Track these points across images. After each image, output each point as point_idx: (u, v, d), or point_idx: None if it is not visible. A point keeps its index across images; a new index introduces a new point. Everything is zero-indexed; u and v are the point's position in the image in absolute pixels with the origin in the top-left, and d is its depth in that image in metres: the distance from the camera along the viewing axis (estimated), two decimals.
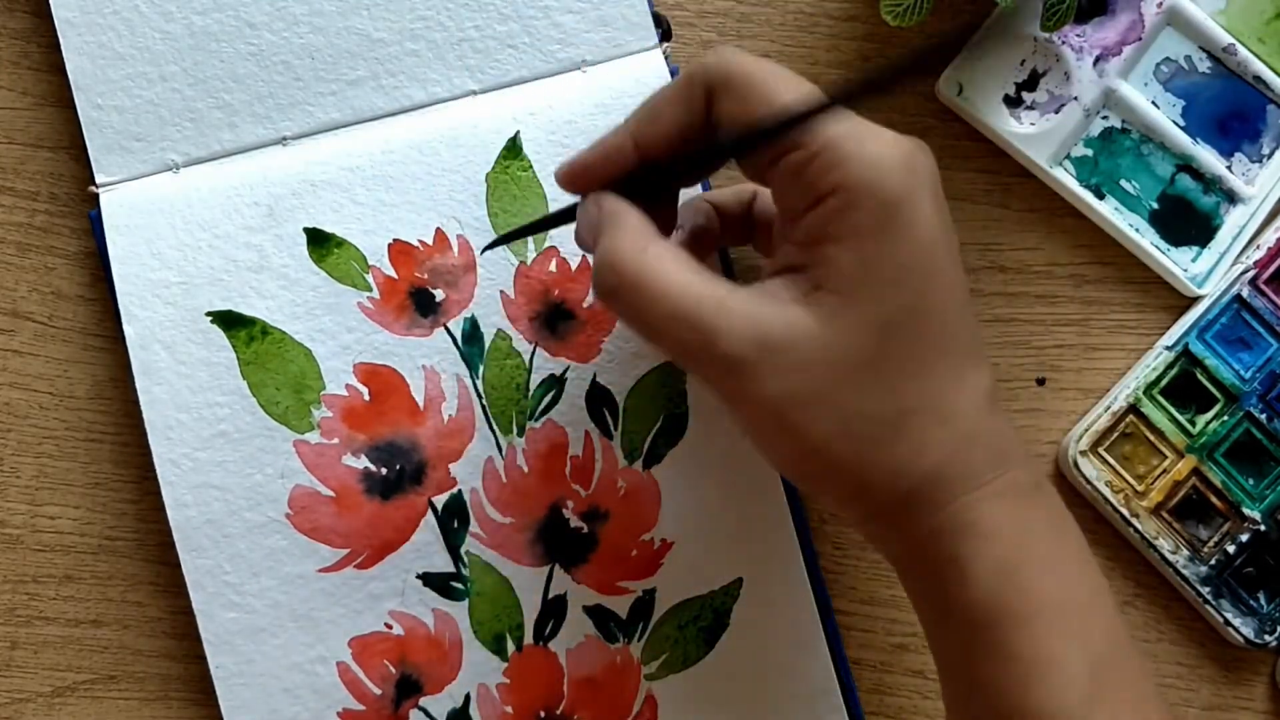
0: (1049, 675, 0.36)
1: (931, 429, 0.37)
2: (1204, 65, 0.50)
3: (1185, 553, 0.48)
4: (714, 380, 0.38)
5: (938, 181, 0.38)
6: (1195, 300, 0.50)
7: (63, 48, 0.48)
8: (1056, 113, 0.49)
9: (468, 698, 0.47)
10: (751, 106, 0.38)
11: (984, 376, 0.38)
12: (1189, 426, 0.49)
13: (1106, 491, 0.48)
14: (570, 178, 0.42)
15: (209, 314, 0.47)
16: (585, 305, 0.48)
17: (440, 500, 0.47)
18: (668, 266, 0.38)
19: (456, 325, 0.48)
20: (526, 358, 0.48)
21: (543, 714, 0.47)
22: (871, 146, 0.36)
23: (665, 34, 0.49)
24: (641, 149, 0.40)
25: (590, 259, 0.44)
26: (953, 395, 0.37)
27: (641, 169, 0.40)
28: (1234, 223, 0.50)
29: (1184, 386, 0.49)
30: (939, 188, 0.38)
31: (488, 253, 0.48)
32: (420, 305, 0.48)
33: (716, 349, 0.37)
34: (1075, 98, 0.49)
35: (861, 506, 0.39)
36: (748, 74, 0.38)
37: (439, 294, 0.48)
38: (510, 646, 0.47)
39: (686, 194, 0.46)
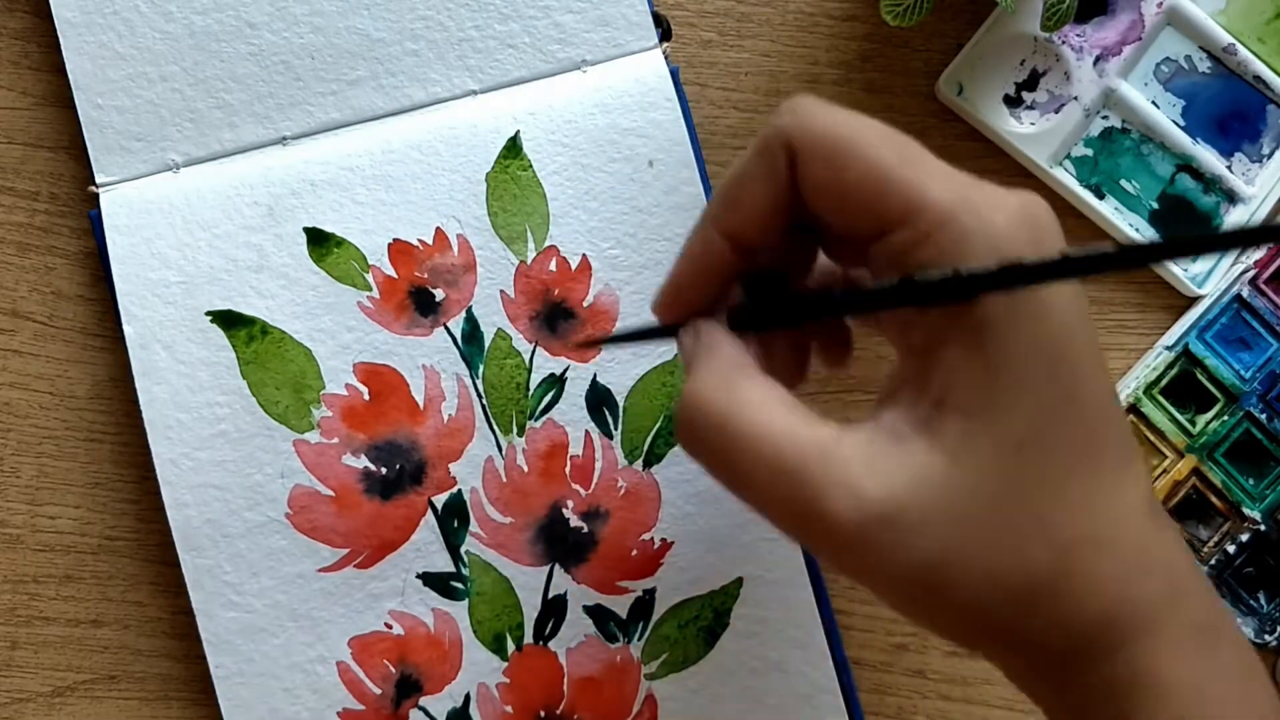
0: None
1: (1094, 562, 0.30)
2: (1204, 65, 0.50)
3: None
4: (828, 552, 0.31)
5: (1063, 243, 0.31)
6: (1195, 300, 0.50)
7: (63, 48, 0.48)
8: (1056, 112, 0.49)
9: (468, 697, 0.47)
10: (849, 173, 0.31)
11: (1142, 484, 0.32)
12: (1189, 426, 0.49)
13: None
14: (665, 307, 0.36)
15: (209, 313, 0.47)
16: (585, 305, 0.48)
17: (440, 500, 0.47)
18: (759, 407, 0.32)
19: (456, 325, 0.48)
20: (526, 357, 0.48)
21: (543, 714, 0.47)
22: (994, 217, 0.30)
23: (665, 34, 0.49)
24: (734, 240, 0.34)
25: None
26: (1113, 515, 0.31)
27: (757, 281, 0.35)
28: (1234, 222, 0.50)
29: (1184, 386, 0.49)
30: (1059, 240, 0.31)
31: (483, 253, 0.48)
32: (420, 305, 0.48)
33: (826, 516, 0.30)
34: (1075, 97, 0.49)
35: (1021, 661, 0.32)
36: (834, 133, 0.32)
37: (439, 293, 0.48)
38: (510, 646, 0.47)
39: None
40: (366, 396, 0.47)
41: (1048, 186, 0.50)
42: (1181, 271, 0.50)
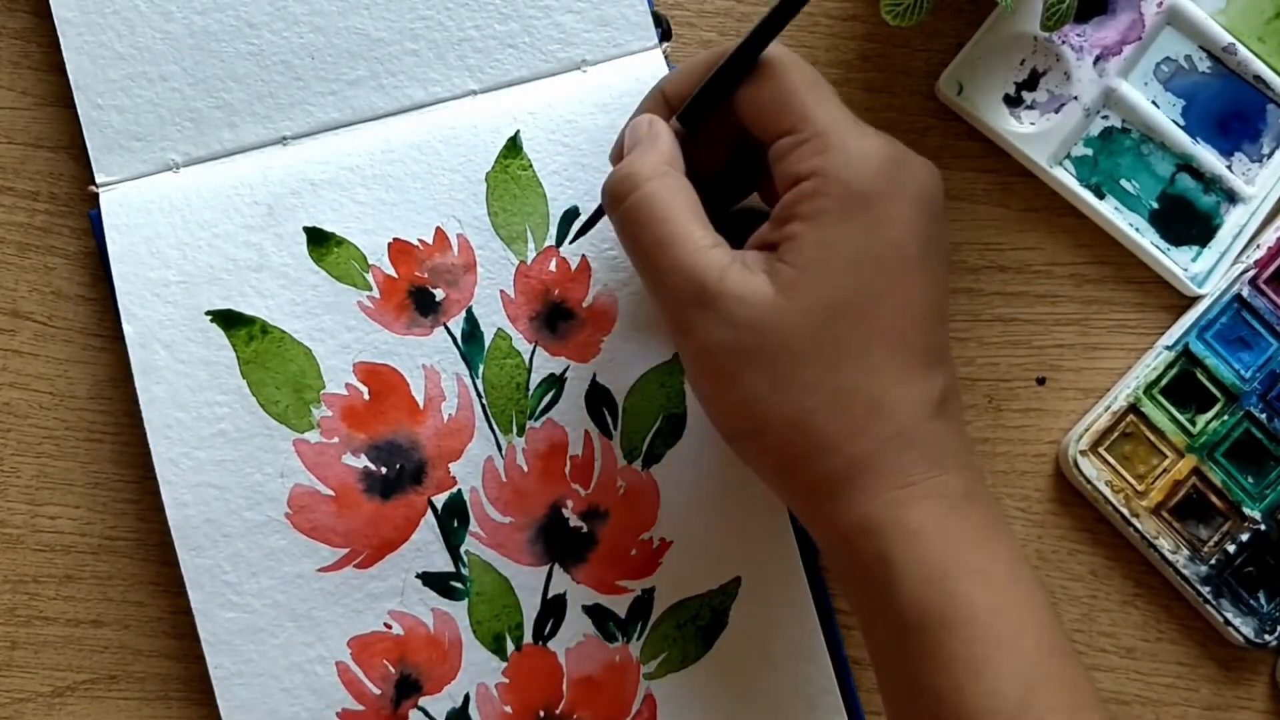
0: (980, 681, 0.36)
1: (865, 417, 0.38)
2: (1204, 65, 0.50)
3: (1185, 552, 0.48)
4: (669, 309, 0.40)
5: (930, 198, 0.40)
6: (1195, 300, 0.50)
7: (63, 47, 0.48)
8: (1056, 112, 0.49)
9: (467, 697, 0.47)
10: (764, 88, 0.41)
11: (935, 384, 0.39)
12: (1189, 426, 0.49)
13: (1106, 491, 0.48)
14: (619, 155, 0.44)
15: (209, 313, 0.47)
16: (585, 305, 0.48)
17: (440, 500, 0.47)
18: (681, 199, 0.40)
19: (456, 324, 0.48)
20: (526, 357, 0.48)
21: (542, 713, 0.47)
22: (857, 142, 0.39)
23: (665, 33, 0.50)
24: (672, 100, 0.43)
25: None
26: (895, 393, 0.38)
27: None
28: (1234, 222, 0.50)
29: (1184, 386, 0.49)
30: (931, 204, 0.40)
31: (483, 253, 0.48)
32: (420, 304, 0.48)
33: (681, 282, 0.39)
34: (1075, 97, 0.49)
35: (790, 479, 0.40)
36: (767, 56, 0.41)
37: (439, 293, 0.48)
38: (510, 646, 0.47)
39: None
40: (366, 396, 0.47)
41: (1048, 186, 0.50)
42: (1181, 271, 0.49)
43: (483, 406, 0.48)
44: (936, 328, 0.40)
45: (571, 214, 0.48)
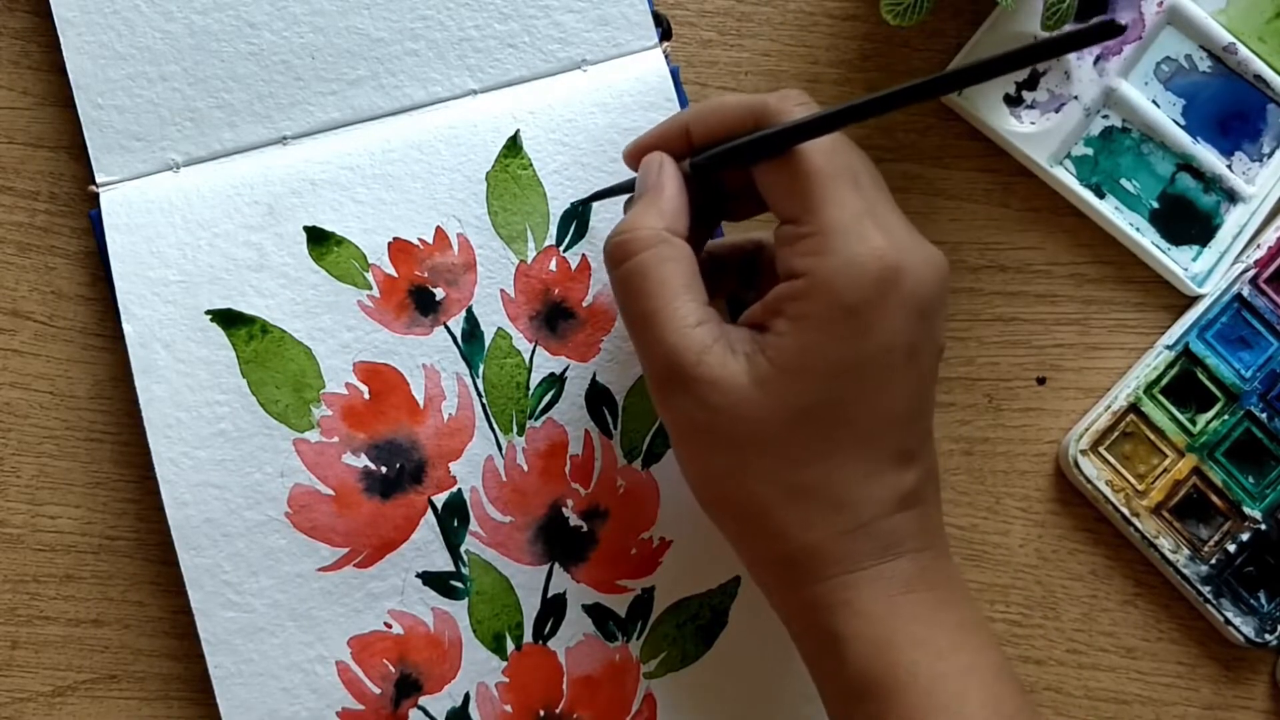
0: None
1: (820, 512, 0.39)
2: (1204, 64, 0.50)
3: (1186, 552, 0.48)
4: (649, 380, 0.41)
5: (928, 301, 0.39)
6: (1196, 299, 0.50)
7: (63, 47, 0.48)
8: (1057, 112, 0.49)
9: (467, 697, 0.47)
10: (781, 170, 0.39)
11: (905, 480, 0.39)
12: (1189, 426, 0.49)
13: (1107, 491, 0.48)
14: (633, 155, 0.44)
15: (209, 312, 0.47)
16: (585, 304, 0.48)
17: (440, 499, 0.47)
18: (669, 271, 0.40)
19: (456, 324, 0.48)
20: (526, 356, 0.48)
21: (542, 713, 0.47)
22: (856, 248, 0.38)
23: (665, 33, 0.50)
24: (695, 137, 0.42)
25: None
26: (858, 492, 0.39)
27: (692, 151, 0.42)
28: (1234, 222, 0.50)
29: (1184, 386, 0.49)
30: (927, 307, 0.39)
31: (483, 252, 0.48)
32: (420, 304, 0.48)
33: (660, 358, 0.39)
34: (1075, 97, 0.49)
35: (747, 553, 0.41)
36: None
37: (439, 293, 0.48)
38: (510, 645, 0.47)
39: None
40: (366, 395, 0.47)
41: (1048, 186, 0.50)
42: (1182, 271, 0.49)
43: (483, 406, 0.48)
44: (915, 426, 0.40)
45: (571, 213, 0.48)
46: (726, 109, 0.41)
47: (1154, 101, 0.50)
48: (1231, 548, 0.48)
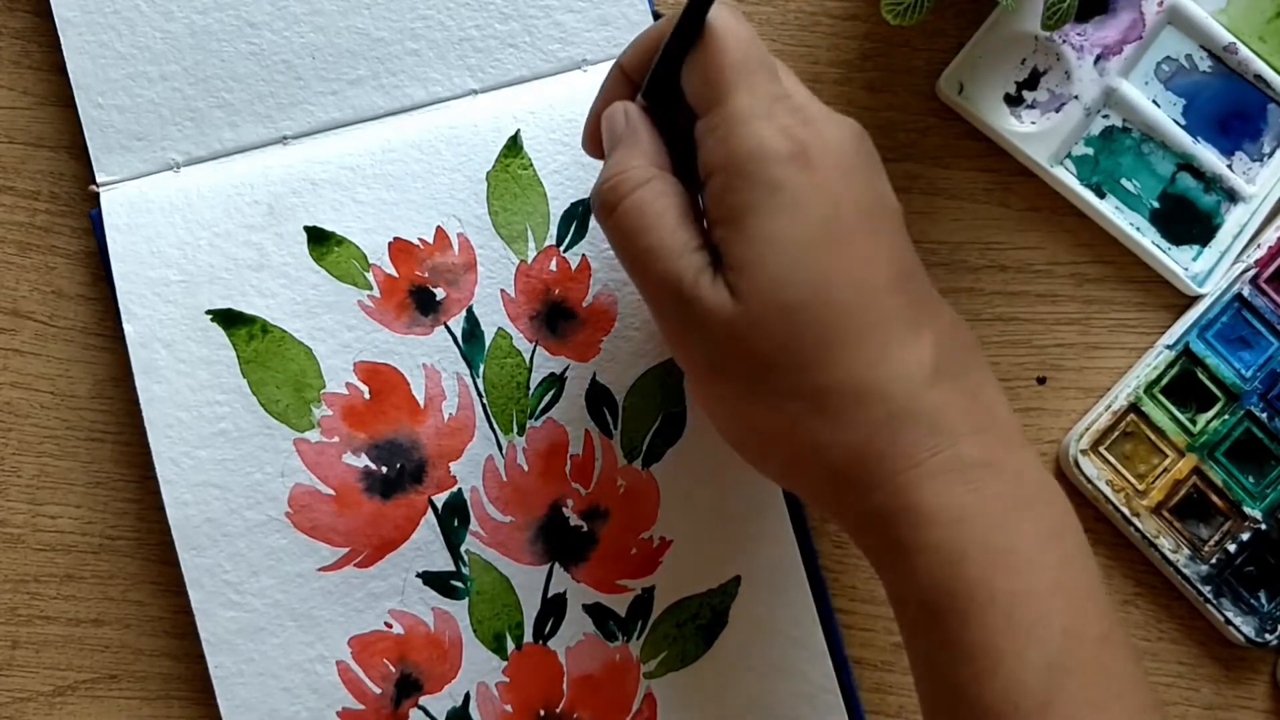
0: (1000, 673, 0.35)
1: (850, 409, 0.36)
2: (1205, 64, 0.50)
3: (1186, 552, 0.48)
4: (659, 321, 0.40)
5: (851, 159, 0.38)
6: (1196, 299, 0.50)
7: (63, 47, 0.48)
8: (1057, 111, 0.49)
9: (467, 696, 0.47)
10: (699, 58, 0.39)
11: (923, 347, 0.37)
12: (1190, 425, 0.49)
13: (1107, 490, 0.48)
14: (590, 134, 0.43)
15: (209, 312, 0.47)
16: (585, 304, 0.48)
17: (440, 499, 0.47)
18: (664, 204, 0.38)
19: (457, 324, 0.48)
20: (527, 356, 0.48)
21: (542, 713, 0.47)
22: (757, 130, 0.37)
23: None
24: (634, 76, 0.41)
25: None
26: (876, 374, 0.36)
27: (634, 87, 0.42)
28: (1235, 221, 0.50)
29: (1185, 385, 0.49)
30: (853, 165, 0.38)
31: (483, 252, 0.48)
32: (420, 304, 0.48)
33: (664, 293, 0.38)
34: (1076, 96, 0.49)
35: (795, 481, 0.40)
36: (711, 25, 0.39)
37: (439, 292, 0.48)
38: (510, 645, 0.47)
39: None
40: (367, 395, 0.47)
41: (1049, 186, 0.50)
42: (1182, 270, 0.49)
43: (483, 406, 0.48)
44: (907, 287, 0.38)
45: (572, 213, 0.48)
46: (649, 34, 0.41)
47: (1154, 101, 0.50)
48: (1232, 547, 0.48)
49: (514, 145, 0.48)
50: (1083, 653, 0.35)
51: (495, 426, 0.48)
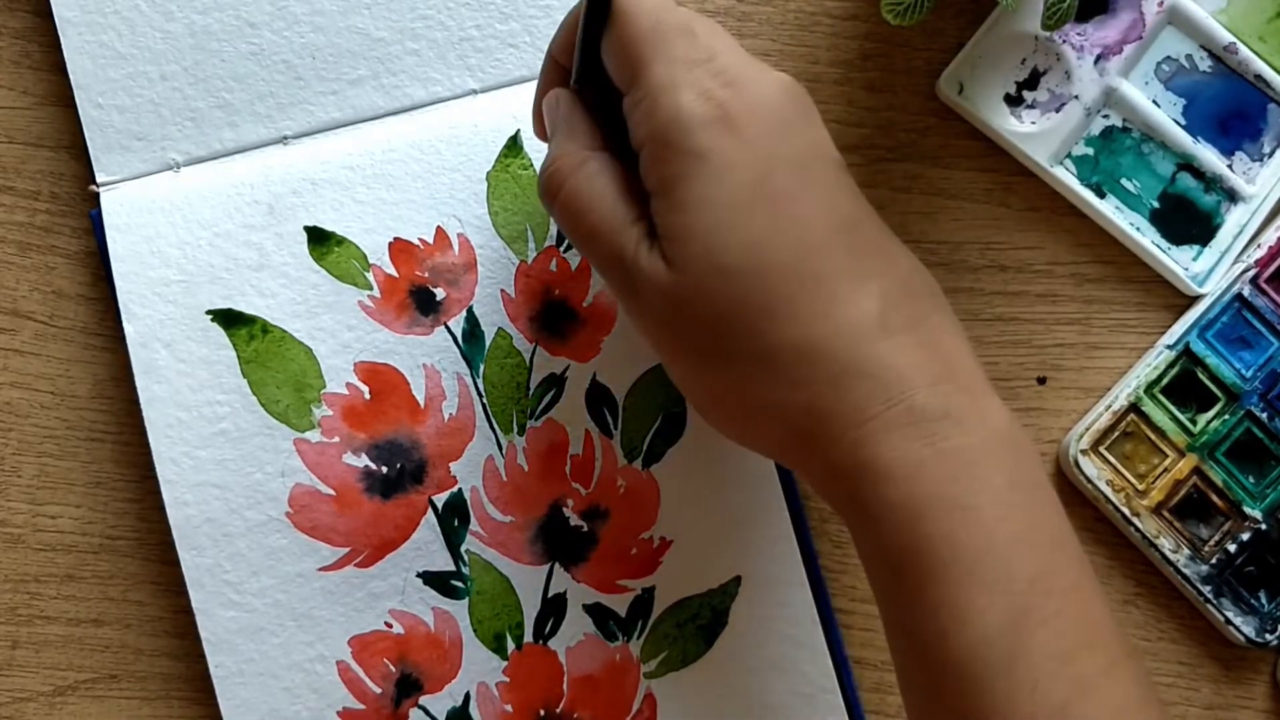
0: (967, 629, 0.34)
1: (799, 367, 0.36)
2: (1205, 64, 0.50)
3: (1186, 552, 0.48)
4: (616, 297, 0.40)
5: (781, 117, 0.37)
6: (1196, 299, 0.50)
7: (63, 47, 0.48)
8: (1057, 111, 0.49)
9: (468, 696, 0.47)
10: (614, 34, 0.39)
11: (866, 303, 0.36)
12: (1190, 425, 0.49)
13: (1107, 490, 0.48)
14: (536, 124, 0.43)
15: (209, 312, 0.47)
16: (585, 305, 0.48)
17: (441, 499, 0.47)
18: (600, 184, 0.39)
19: (457, 324, 0.48)
20: (527, 357, 0.48)
21: (543, 713, 0.47)
22: (677, 99, 0.36)
23: None
24: (562, 61, 0.42)
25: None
26: (820, 330, 0.36)
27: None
28: (1235, 221, 0.50)
29: (1185, 385, 0.49)
30: (784, 123, 0.37)
31: (483, 252, 0.48)
32: (421, 304, 0.48)
33: (611, 269, 0.39)
34: (1076, 96, 0.49)
35: (756, 441, 0.39)
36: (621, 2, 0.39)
37: (440, 293, 0.48)
38: (510, 645, 0.47)
39: None
40: (367, 395, 0.47)
41: (1049, 186, 0.50)
42: (1182, 270, 0.49)
43: (483, 406, 0.48)
44: (849, 239, 0.37)
45: None
46: (570, 18, 0.41)
47: (1154, 101, 0.50)
48: (1232, 547, 0.48)
49: (514, 145, 0.48)
50: (1052, 603, 0.35)
51: (495, 426, 0.48)
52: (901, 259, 0.38)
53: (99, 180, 0.48)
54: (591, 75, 0.40)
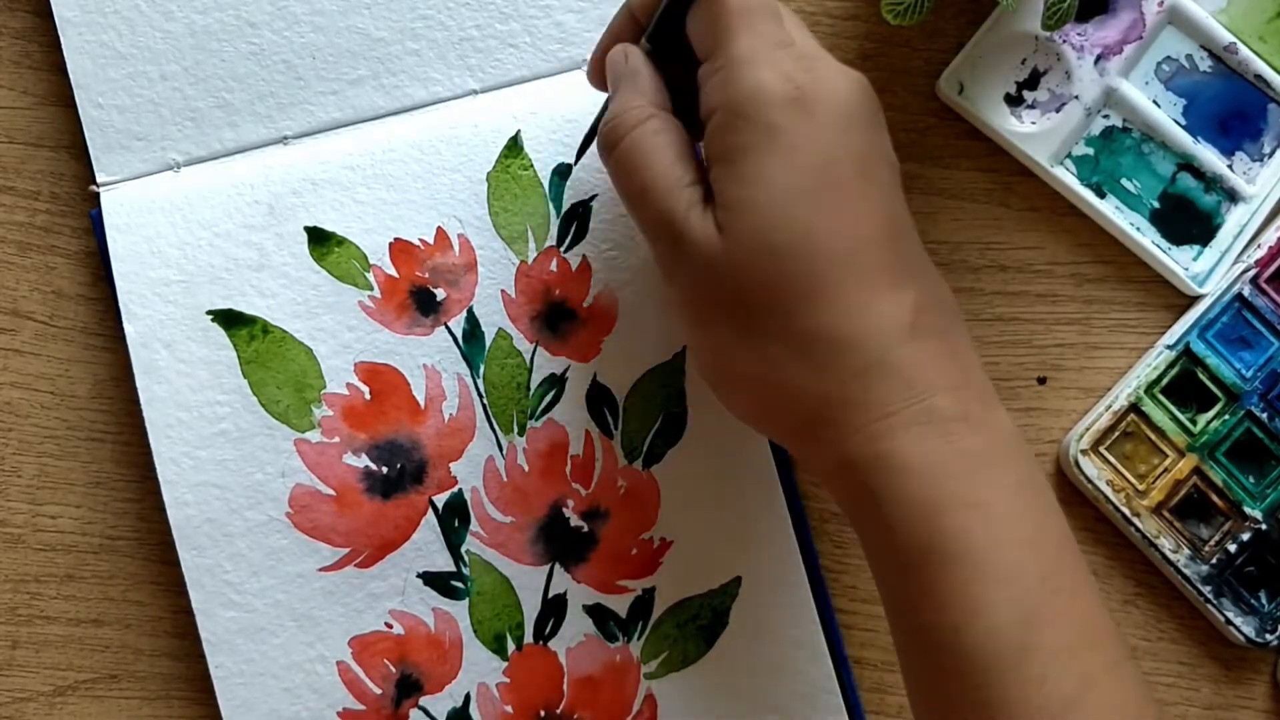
0: (978, 622, 0.35)
1: (829, 355, 0.37)
2: (1205, 64, 0.50)
3: (1186, 552, 0.48)
4: (656, 257, 0.41)
5: (851, 111, 0.38)
6: (1196, 299, 0.50)
7: (63, 47, 0.48)
8: (1057, 111, 0.49)
9: (468, 697, 0.47)
10: (703, 8, 0.39)
11: (904, 303, 0.38)
12: (1190, 425, 0.49)
13: (1107, 490, 0.48)
14: (594, 68, 0.44)
15: (210, 312, 0.47)
16: (585, 305, 0.48)
17: (441, 499, 0.47)
18: (661, 142, 0.39)
19: (457, 324, 0.48)
20: (527, 357, 0.48)
21: (543, 713, 0.47)
22: (758, 73, 0.37)
23: None
24: (642, 18, 0.42)
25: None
26: (856, 324, 0.37)
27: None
28: (1235, 221, 0.50)
29: (1185, 385, 0.49)
30: (853, 117, 0.38)
31: (484, 253, 0.48)
32: (421, 304, 0.48)
33: (658, 226, 0.39)
34: (1076, 96, 0.49)
35: (771, 425, 0.41)
36: None
37: (440, 293, 0.48)
38: (510, 646, 0.47)
39: None
40: (367, 396, 0.47)
41: (1049, 186, 0.50)
42: (1183, 270, 0.49)
43: (483, 406, 0.48)
44: (895, 243, 0.38)
45: (572, 214, 0.48)
46: None
47: (1155, 101, 0.50)
48: (1232, 547, 0.48)
49: (514, 145, 0.48)
50: (1058, 603, 0.36)
51: (496, 427, 0.48)
52: (933, 273, 0.40)
53: (99, 180, 0.48)
54: (666, 37, 0.41)
